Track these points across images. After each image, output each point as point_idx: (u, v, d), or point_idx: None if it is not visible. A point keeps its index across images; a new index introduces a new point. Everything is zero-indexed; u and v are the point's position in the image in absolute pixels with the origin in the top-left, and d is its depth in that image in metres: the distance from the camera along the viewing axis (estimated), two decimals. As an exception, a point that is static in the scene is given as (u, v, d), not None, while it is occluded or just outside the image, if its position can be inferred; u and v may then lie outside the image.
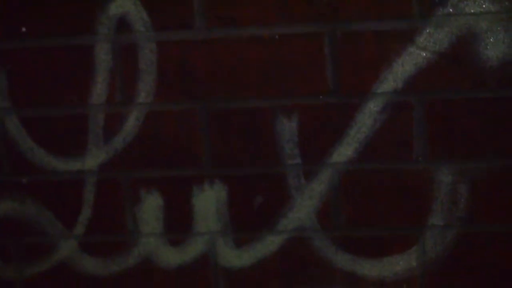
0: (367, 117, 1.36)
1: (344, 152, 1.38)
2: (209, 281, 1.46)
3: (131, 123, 1.43)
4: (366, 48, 1.34)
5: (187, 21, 1.38)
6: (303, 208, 1.41)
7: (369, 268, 1.41)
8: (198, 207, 1.44)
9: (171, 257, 1.47)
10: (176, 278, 1.47)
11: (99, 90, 1.42)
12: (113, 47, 1.40)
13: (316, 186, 1.40)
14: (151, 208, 1.45)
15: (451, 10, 1.31)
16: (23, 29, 1.42)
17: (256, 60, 1.37)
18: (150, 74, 1.40)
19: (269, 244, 1.43)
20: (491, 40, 1.30)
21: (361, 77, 1.35)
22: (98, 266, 1.49)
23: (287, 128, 1.39)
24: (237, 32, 1.37)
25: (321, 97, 1.37)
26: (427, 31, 1.32)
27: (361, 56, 1.34)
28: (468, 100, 1.34)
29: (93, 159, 1.45)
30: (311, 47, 1.35)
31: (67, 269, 1.50)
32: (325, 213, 1.41)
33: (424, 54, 1.33)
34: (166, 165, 1.43)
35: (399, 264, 1.40)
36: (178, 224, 1.46)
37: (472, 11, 1.30)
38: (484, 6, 1.29)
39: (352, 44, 1.34)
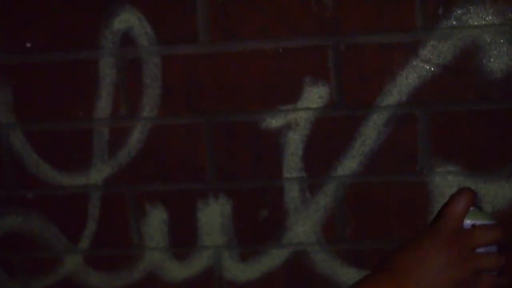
0: (372, 130, 1.36)
1: (349, 165, 1.38)
2: (214, 295, 1.46)
3: (136, 137, 1.43)
4: (370, 61, 1.34)
5: (191, 35, 1.38)
6: (308, 222, 1.41)
7: (375, 281, 1.41)
8: (203, 221, 1.44)
9: (176, 271, 1.47)
10: (182, 292, 1.47)
11: (104, 104, 1.43)
12: (117, 62, 1.41)
13: (321, 199, 1.40)
14: (156, 222, 1.46)
15: (454, 22, 1.31)
16: (28, 44, 1.43)
17: (260, 74, 1.37)
18: (155, 88, 1.41)
19: (274, 257, 1.43)
20: (495, 52, 1.31)
21: (365, 90, 1.35)
22: (103, 280, 1.49)
23: (291, 141, 1.39)
24: (241, 46, 1.37)
25: (325, 110, 1.37)
26: (431, 43, 1.32)
27: (365, 69, 1.35)
28: (472, 112, 1.34)
29: (98, 173, 1.45)
30: (315, 60, 1.36)
31: (72, 284, 1.50)
32: (330, 226, 1.41)
33: (428, 67, 1.33)
34: (171, 179, 1.43)
35: (404, 277, 1.40)
36: (183, 238, 1.46)
37: (475, 23, 1.30)
38: (487, 18, 1.30)
39: (356, 57, 1.35)
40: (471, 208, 1.11)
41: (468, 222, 1.09)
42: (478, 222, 1.09)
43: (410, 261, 1.03)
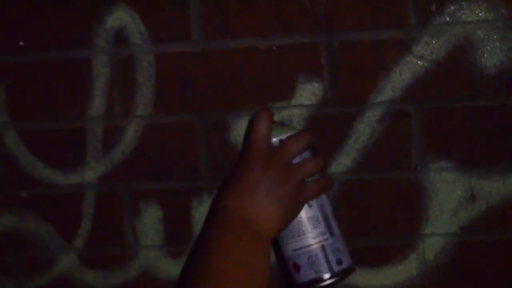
0: (366, 127, 1.36)
1: (343, 162, 1.38)
2: (209, 293, 1.46)
3: (130, 135, 1.43)
4: (364, 57, 1.34)
5: (185, 33, 1.38)
6: (302, 219, 1.41)
7: (370, 278, 1.41)
8: (197, 219, 1.44)
9: (171, 269, 1.47)
10: (177, 290, 1.47)
11: (97, 103, 1.42)
12: (110, 60, 1.41)
13: (315, 196, 1.40)
14: (150, 220, 1.45)
15: (447, 19, 1.31)
16: (21, 43, 1.42)
17: (254, 71, 1.37)
18: (148, 86, 1.41)
19: (270, 254, 1.43)
20: (488, 48, 1.31)
21: (359, 87, 1.35)
22: (98, 279, 1.49)
23: (286, 139, 1.39)
24: (235, 44, 1.37)
25: (318, 107, 1.37)
26: (424, 40, 1.32)
27: (359, 65, 1.35)
28: (466, 108, 1.34)
29: (92, 172, 1.45)
30: (309, 57, 1.36)
31: (67, 283, 1.50)
32: (325, 223, 1.41)
33: (422, 63, 1.33)
34: (165, 178, 1.43)
35: (399, 273, 1.40)
36: (178, 236, 1.46)
37: (469, 19, 1.30)
38: (480, 14, 1.30)
39: (350, 54, 1.35)
40: (273, 126, 1.12)
41: (275, 140, 1.11)
42: (283, 136, 1.11)
43: (244, 200, 1.06)
